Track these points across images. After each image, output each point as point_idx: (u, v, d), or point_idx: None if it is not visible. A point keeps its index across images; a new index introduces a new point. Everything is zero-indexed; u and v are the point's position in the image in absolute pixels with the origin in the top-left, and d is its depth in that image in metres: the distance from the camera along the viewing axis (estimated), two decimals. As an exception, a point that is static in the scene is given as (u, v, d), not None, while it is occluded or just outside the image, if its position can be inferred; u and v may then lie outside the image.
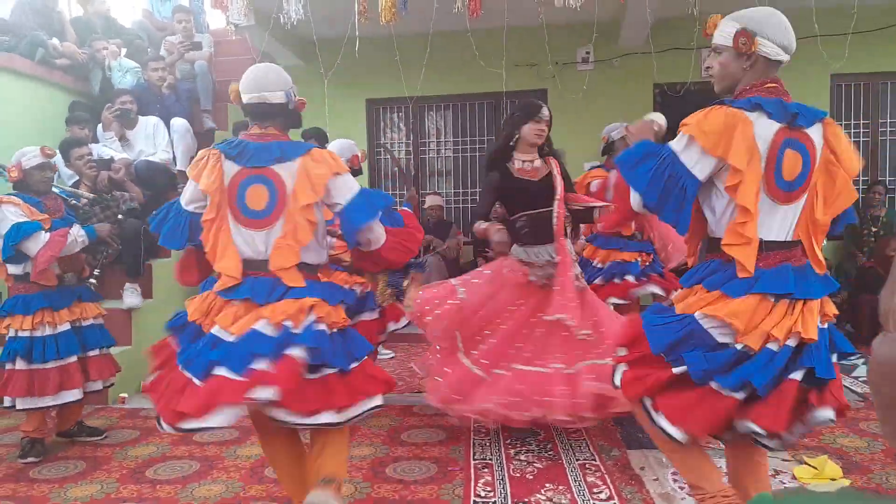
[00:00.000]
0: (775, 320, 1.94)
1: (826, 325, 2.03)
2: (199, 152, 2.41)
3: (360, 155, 4.26)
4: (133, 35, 6.79)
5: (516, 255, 3.41)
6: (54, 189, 3.65)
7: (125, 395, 4.46)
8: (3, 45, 5.43)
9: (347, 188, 2.31)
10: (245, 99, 2.36)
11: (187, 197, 2.40)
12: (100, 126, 5.57)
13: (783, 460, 3.14)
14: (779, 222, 2.01)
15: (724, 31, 2.07)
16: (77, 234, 3.46)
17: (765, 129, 1.96)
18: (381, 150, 7.60)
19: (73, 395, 3.48)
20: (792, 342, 1.94)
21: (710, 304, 1.99)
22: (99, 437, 3.74)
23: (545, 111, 3.40)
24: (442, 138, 7.77)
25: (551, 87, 6.94)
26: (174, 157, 5.67)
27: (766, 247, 1.99)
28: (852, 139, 6.96)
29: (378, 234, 2.40)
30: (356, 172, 4.35)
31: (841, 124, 7.03)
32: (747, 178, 1.94)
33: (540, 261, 3.33)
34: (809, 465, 3.01)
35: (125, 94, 5.47)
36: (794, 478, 2.95)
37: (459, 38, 6.09)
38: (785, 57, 2.05)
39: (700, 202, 2.10)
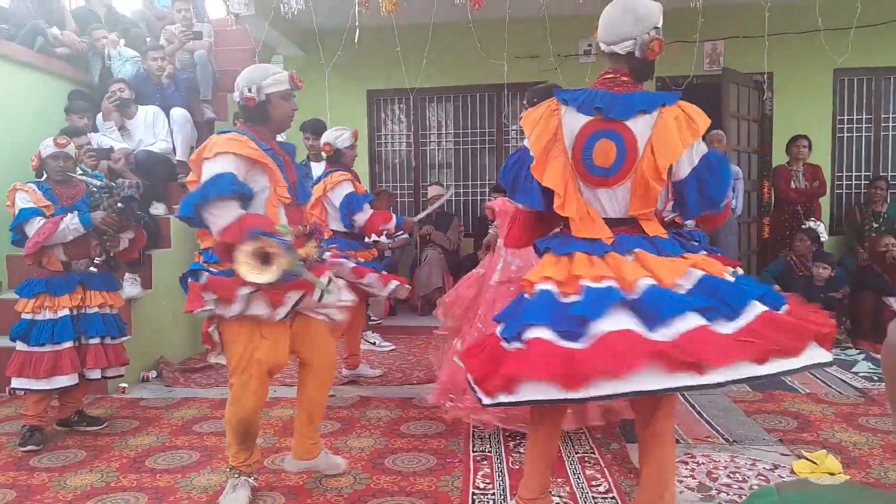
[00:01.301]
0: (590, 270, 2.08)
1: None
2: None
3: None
4: (132, 24, 6.76)
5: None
6: (78, 175, 3.68)
7: (125, 385, 4.47)
8: (2, 33, 5.40)
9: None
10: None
11: None
12: (99, 115, 5.55)
13: (782, 454, 3.15)
14: (608, 203, 2.19)
15: None
16: (70, 223, 3.50)
17: (573, 120, 2.17)
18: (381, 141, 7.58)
19: (66, 380, 3.50)
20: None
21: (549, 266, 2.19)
22: (99, 427, 3.74)
23: None
24: (443, 130, 7.75)
25: (553, 80, 6.88)
26: (174, 147, 5.65)
27: (609, 223, 2.18)
28: (855, 134, 6.96)
29: None
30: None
31: (844, 119, 7.10)
32: (549, 165, 2.17)
33: None
34: (808, 459, 3.01)
35: (119, 82, 5.44)
36: (792, 472, 2.96)
37: (461, 30, 6.07)
38: (607, 48, 2.24)
39: None
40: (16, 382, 3.50)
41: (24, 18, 5.72)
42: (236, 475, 2.75)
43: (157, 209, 5.35)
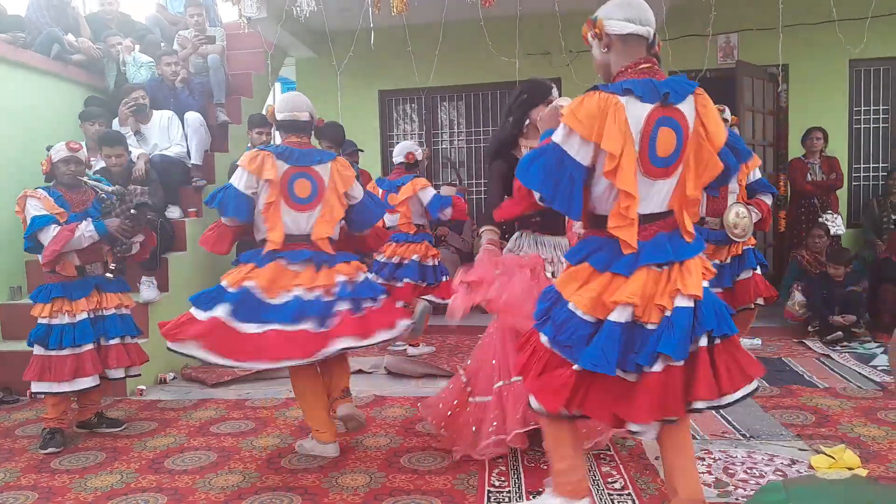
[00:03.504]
0: (661, 289, 2.04)
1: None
2: (250, 152, 3.15)
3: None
4: (146, 30, 6.83)
5: (527, 247, 3.14)
6: (87, 181, 3.71)
7: (143, 387, 4.52)
8: (19, 41, 5.48)
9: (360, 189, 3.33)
10: (279, 117, 3.24)
11: (244, 183, 3.11)
12: (115, 121, 5.61)
13: (799, 450, 3.11)
14: (655, 196, 2.09)
15: (587, 28, 2.19)
16: (85, 230, 3.53)
17: (637, 111, 2.01)
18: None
19: (88, 381, 3.55)
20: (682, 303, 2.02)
21: (606, 287, 2.06)
22: (118, 429, 3.79)
23: (556, 92, 3.16)
24: (455, 129, 7.75)
25: (565, 76, 6.88)
26: (188, 151, 5.70)
27: (643, 219, 2.07)
28: (872, 125, 6.87)
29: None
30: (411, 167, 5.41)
31: (860, 110, 7.01)
32: (623, 163, 2.00)
33: (546, 254, 3.09)
34: (827, 454, 2.98)
35: (138, 90, 5.50)
36: (810, 467, 2.92)
37: (472, 28, 6.06)
38: (635, 27, 2.07)
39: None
40: (36, 387, 3.54)
41: (41, 26, 5.80)
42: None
43: (173, 212, 5.40)
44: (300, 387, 3.30)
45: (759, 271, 4.54)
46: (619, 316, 2.03)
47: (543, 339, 2.15)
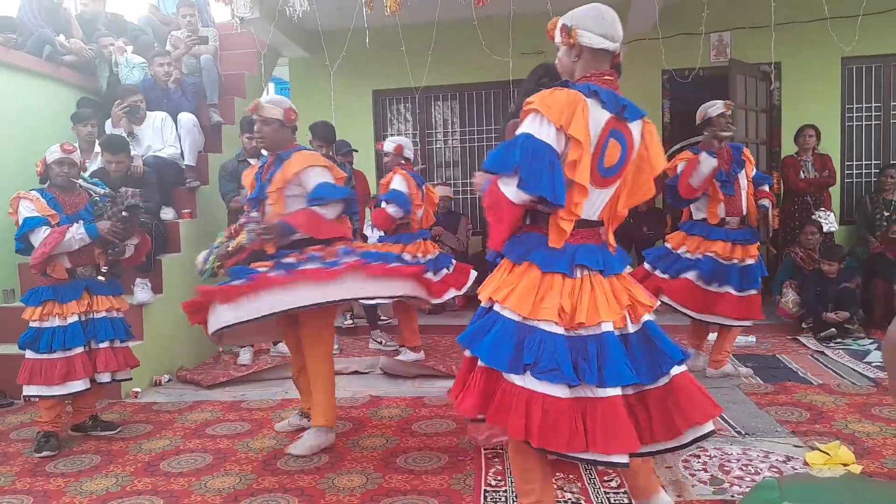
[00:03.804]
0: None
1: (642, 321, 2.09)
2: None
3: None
4: (139, 31, 6.80)
5: None
6: (82, 183, 3.70)
7: (138, 389, 4.51)
8: (10, 42, 5.45)
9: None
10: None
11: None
12: (108, 122, 5.59)
13: (794, 446, 3.13)
14: (592, 203, 2.10)
15: (557, 31, 2.18)
16: (76, 233, 3.52)
17: (597, 115, 2.04)
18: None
19: (79, 385, 3.54)
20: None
21: (571, 293, 2.02)
22: (113, 432, 3.77)
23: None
24: (449, 128, 7.75)
25: (558, 75, 6.90)
26: (181, 152, 5.68)
27: (577, 224, 2.08)
28: (864, 122, 6.90)
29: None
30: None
31: (853, 108, 7.03)
32: (583, 158, 2.00)
33: None
34: (821, 450, 3.00)
35: (136, 94, 5.46)
36: (805, 464, 2.94)
37: (465, 27, 6.07)
38: (608, 44, 2.10)
39: None
40: (28, 390, 3.53)
41: (32, 27, 5.77)
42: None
43: (167, 214, 5.38)
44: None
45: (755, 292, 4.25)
46: (609, 326, 2.00)
47: (516, 379, 1.95)
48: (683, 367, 2.05)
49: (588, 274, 2.05)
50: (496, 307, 2.06)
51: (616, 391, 1.94)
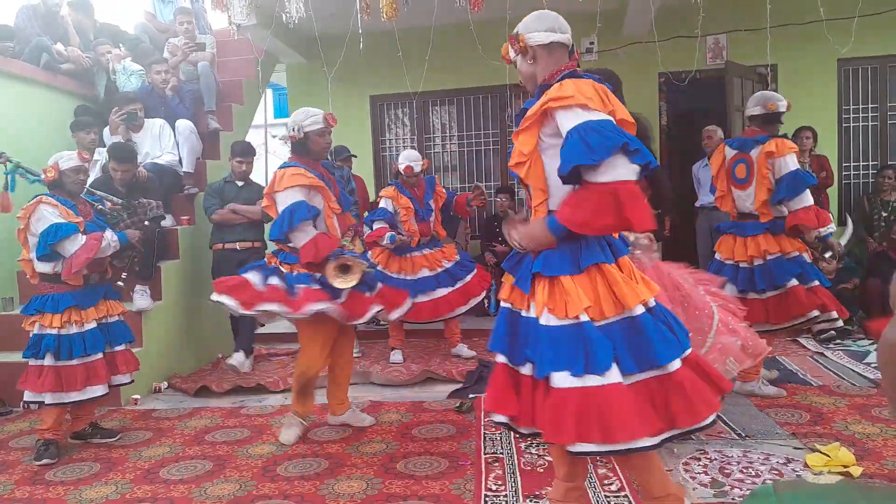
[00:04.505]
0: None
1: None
2: None
3: None
4: (136, 39, 6.81)
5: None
6: (98, 193, 3.77)
7: (137, 396, 4.50)
8: (7, 50, 5.46)
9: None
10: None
11: None
12: (106, 129, 5.60)
13: (795, 448, 3.13)
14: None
15: (509, 48, 2.23)
16: (111, 239, 3.60)
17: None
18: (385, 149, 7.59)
19: (98, 390, 3.57)
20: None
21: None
22: (113, 439, 3.77)
23: None
24: (447, 133, 7.76)
25: (555, 79, 6.91)
26: (179, 159, 5.69)
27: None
28: (861, 123, 6.91)
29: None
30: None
31: (849, 109, 7.02)
32: None
33: None
34: (821, 452, 3.00)
35: (135, 102, 5.47)
36: (806, 466, 2.94)
37: (462, 32, 6.07)
38: (557, 36, 2.14)
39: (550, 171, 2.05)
40: (50, 398, 3.49)
41: (30, 35, 5.78)
42: (293, 417, 3.67)
43: (165, 221, 5.38)
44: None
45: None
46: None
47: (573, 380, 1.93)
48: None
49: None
50: (587, 321, 1.97)
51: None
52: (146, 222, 3.72)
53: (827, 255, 4.17)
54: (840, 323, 4.17)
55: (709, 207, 6.12)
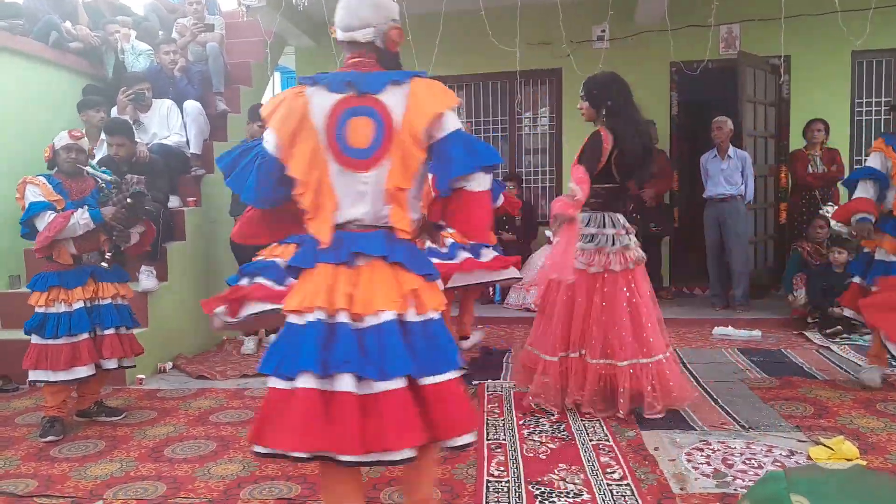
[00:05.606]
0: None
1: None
2: None
3: None
4: (144, 18, 6.79)
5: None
6: (89, 170, 3.71)
7: (143, 376, 4.52)
8: (17, 28, 5.45)
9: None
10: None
11: None
12: (114, 109, 5.59)
13: (798, 441, 3.12)
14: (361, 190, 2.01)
15: None
16: (80, 218, 3.52)
17: (323, 100, 2.01)
18: None
19: (84, 371, 3.56)
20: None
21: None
22: (118, 417, 3.79)
23: None
24: (455, 119, 7.72)
25: (566, 67, 6.86)
26: (187, 140, 5.68)
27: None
28: (874, 117, 6.85)
29: None
30: None
31: (862, 102, 6.95)
32: (296, 151, 2.00)
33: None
34: (825, 445, 2.99)
35: (143, 82, 5.45)
36: (809, 458, 2.93)
37: (472, 18, 6.02)
38: (342, 35, 2.14)
39: None
40: (33, 374, 3.55)
41: (39, 13, 5.77)
42: None
43: (172, 201, 5.38)
44: None
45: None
46: None
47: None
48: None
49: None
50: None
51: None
52: (128, 199, 3.64)
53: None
54: None
55: (716, 199, 6.09)
